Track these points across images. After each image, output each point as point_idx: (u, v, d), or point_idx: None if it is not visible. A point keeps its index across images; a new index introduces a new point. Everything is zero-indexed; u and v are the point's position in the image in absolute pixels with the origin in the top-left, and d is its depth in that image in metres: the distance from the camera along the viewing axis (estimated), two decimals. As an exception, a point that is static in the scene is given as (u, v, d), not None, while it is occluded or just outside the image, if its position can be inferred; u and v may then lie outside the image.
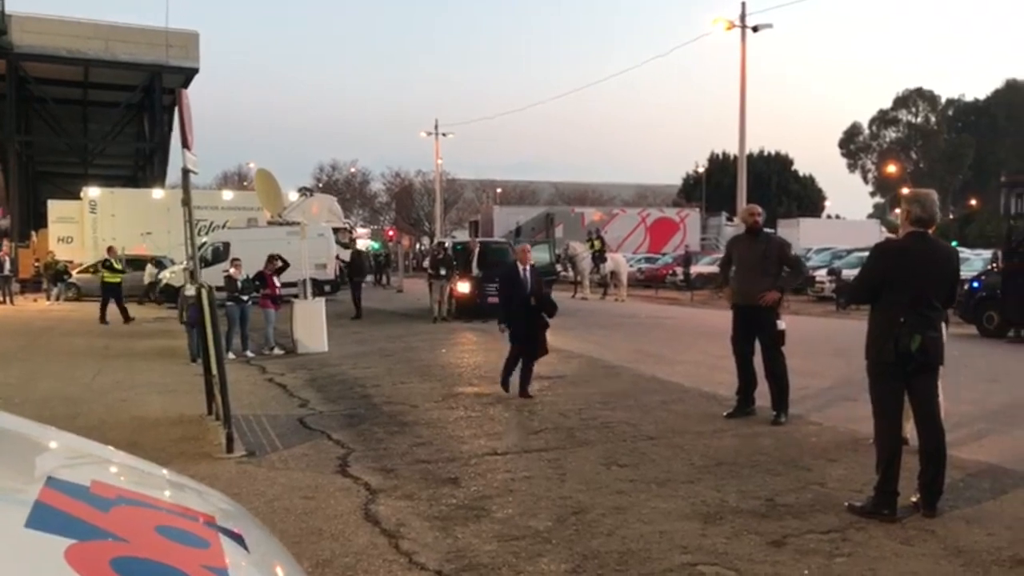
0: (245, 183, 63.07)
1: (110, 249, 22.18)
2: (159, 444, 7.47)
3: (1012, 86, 78.05)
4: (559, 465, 6.48)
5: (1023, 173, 75.86)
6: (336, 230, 31.68)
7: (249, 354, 13.72)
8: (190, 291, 10.88)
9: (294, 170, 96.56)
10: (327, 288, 25.51)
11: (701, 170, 72.14)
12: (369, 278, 41.36)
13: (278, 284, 14.85)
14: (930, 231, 5.30)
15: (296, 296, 15.76)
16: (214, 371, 7.71)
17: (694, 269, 33.74)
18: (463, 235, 56.33)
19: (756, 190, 46.44)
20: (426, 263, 27.59)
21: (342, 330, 16.86)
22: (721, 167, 66.17)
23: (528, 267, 9.54)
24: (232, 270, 14.30)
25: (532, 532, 4.97)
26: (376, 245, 57.18)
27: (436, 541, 4.85)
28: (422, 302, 24.18)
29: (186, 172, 8.13)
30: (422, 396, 9.60)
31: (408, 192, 78.23)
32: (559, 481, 6.05)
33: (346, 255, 33.58)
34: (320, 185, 71.51)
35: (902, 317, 5.06)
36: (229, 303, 13.92)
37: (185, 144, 7.99)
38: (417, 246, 71.65)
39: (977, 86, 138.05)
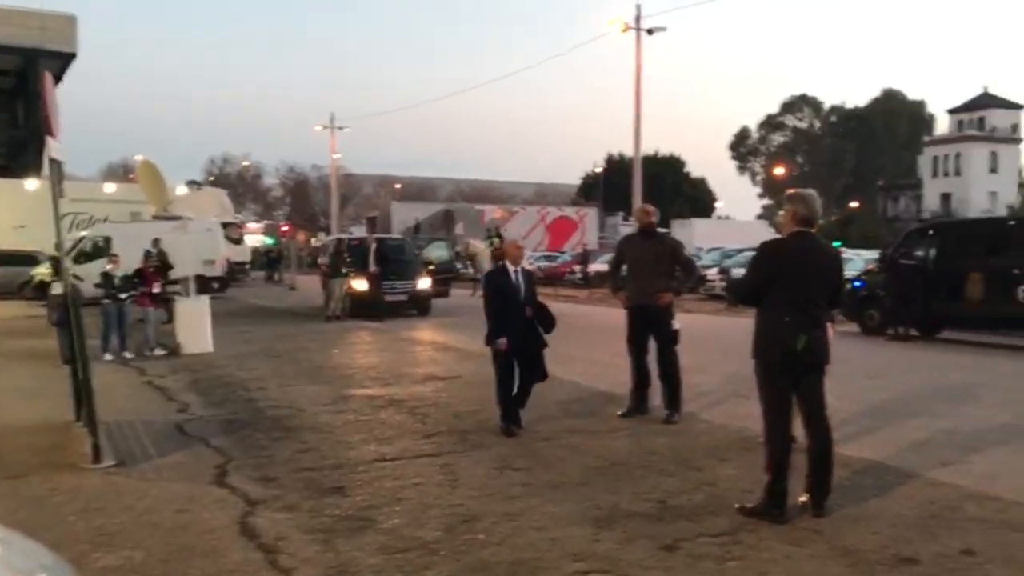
0: (130, 175, 60.38)
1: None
2: (21, 453, 6.93)
3: (889, 95, 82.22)
4: (451, 470, 6.28)
5: (899, 178, 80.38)
6: (226, 225, 30.59)
7: (128, 355, 12.99)
8: (57, 289, 10.18)
9: (183, 163, 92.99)
10: (215, 285, 24.55)
11: (599, 170, 73.20)
12: (261, 274, 40.30)
13: (162, 281, 14.13)
14: (813, 231, 5.33)
15: (180, 294, 15.04)
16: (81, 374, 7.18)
17: (592, 267, 34.09)
18: (360, 231, 55.46)
19: (651, 191, 47.29)
20: (321, 260, 26.91)
21: (229, 329, 16.19)
22: (618, 167, 67.25)
23: (520, 268, 7.75)
24: (109, 266, 13.51)
25: (420, 543, 4.75)
26: (270, 241, 55.64)
27: (317, 555, 4.57)
28: (315, 300, 23.56)
29: (53, 162, 7.54)
30: (310, 399, 9.24)
31: (303, 187, 76.62)
32: (450, 487, 5.85)
33: (238, 251, 32.56)
34: (210, 179, 69.18)
35: (787, 317, 5.07)
36: (106, 301, 13.15)
37: (49, 131, 7.40)
38: (312, 242, 70.21)
39: (858, 94, 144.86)
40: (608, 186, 66.89)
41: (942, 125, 77.83)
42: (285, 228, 59.81)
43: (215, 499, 5.63)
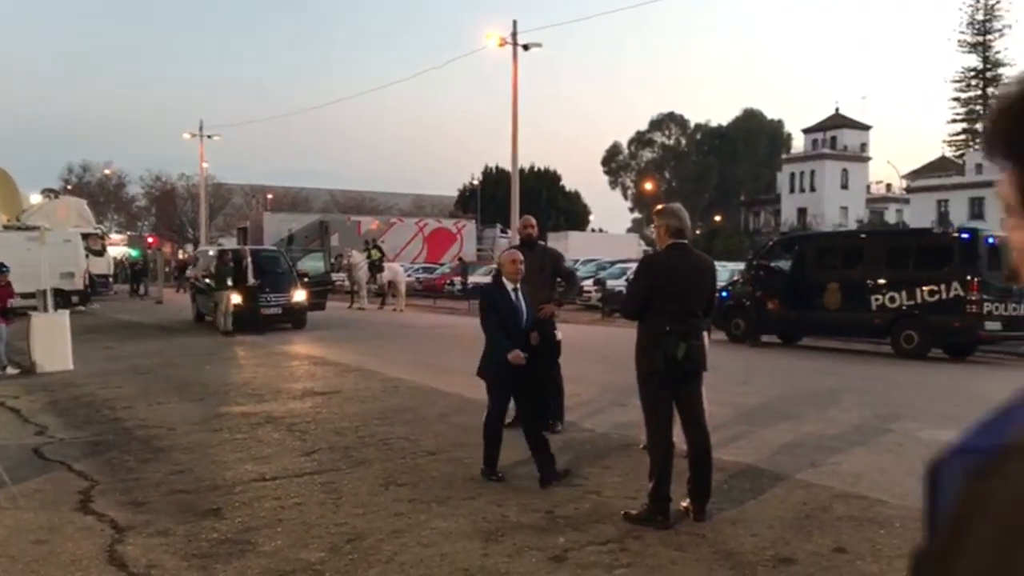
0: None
1: None
2: None
3: (750, 114, 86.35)
4: (334, 488, 6.11)
5: (759, 193, 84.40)
6: (86, 236, 28.97)
7: (-25, 375, 12.05)
8: None
9: (38, 171, 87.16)
10: (75, 299, 23.17)
11: (476, 182, 73.53)
12: (125, 288, 38.34)
13: (15, 296, 13.18)
14: (686, 242, 5.53)
15: (35, 308, 14.10)
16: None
17: (471, 279, 34.14)
18: (231, 242, 53.64)
19: (527, 204, 47.87)
20: (191, 271, 25.79)
21: (91, 346, 15.29)
22: (495, 180, 67.77)
23: (520, 286, 6.52)
24: (-46, 280, 12.51)
25: (303, 565, 4.59)
26: (135, 253, 53.03)
27: (194, 583, 4.34)
28: (184, 314, 22.63)
29: None
30: (181, 418, 8.81)
31: (170, 197, 73.45)
32: (334, 506, 5.69)
33: (99, 264, 30.85)
34: (68, 187, 65.39)
35: (668, 327, 5.21)
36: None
37: None
38: (180, 254, 67.41)
39: (721, 113, 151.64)
40: (485, 199, 67.29)
41: (798, 143, 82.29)
42: (151, 239, 57.17)
43: (80, 527, 5.28)
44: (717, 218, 79.66)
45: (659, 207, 5.72)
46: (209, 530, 5.20)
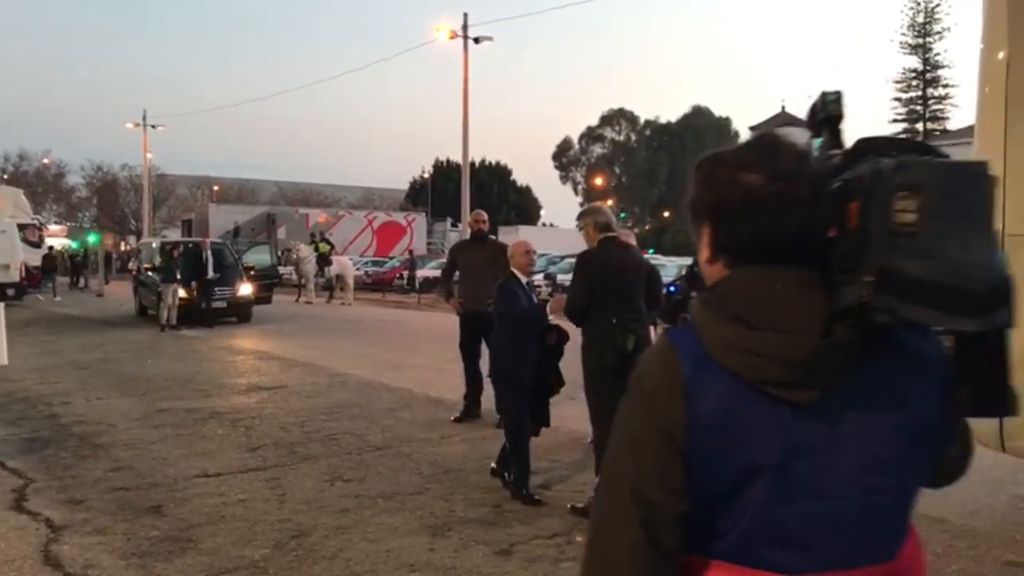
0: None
1: None
2: None
3: (698, 111, 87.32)
4: (278, 484, 6.03)
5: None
6: (23, 227, 28.15)
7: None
8: None
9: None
10: (10, 292, 22.49)
11: (427, 176, 73.22)
12: (64, 281, 37.34)
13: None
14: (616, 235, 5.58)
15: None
16: None
17: (420, 272, 33.98)
18: (175, 234, 52.61)
19: (478, 198, 47.82)
20: (133, 264, 25.18)
21: (28, 340, 14.86)
22: (446, 174, 67.60)
23: (530, 281, 6.12)
24: None
25: (247, 562, 4.52)
26: (75, 244, 51.70)
27: (132, 583, 4.25)
28: (126, 307, 22.12)
29: None
30: (121, 414, 8.60)
31: (112, 188, 71.71)
32: (278, 502, 5.61)
33: (37, 256, 29.97)
34: (4, 177, 63.47)
35: (614, 319, 5.23)
36: None
37: None
38: (123, 246, 65.88)
39: (670, 109, 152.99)
40: (436, 192, 67.07)
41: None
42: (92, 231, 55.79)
43: (13, 526, 5.12)
44: (666, 214, 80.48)
45: (583, 209, 5.82)
46: (149, 528, 5.09)
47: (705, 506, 1.21)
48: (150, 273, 19.52)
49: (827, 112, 1.34)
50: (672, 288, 17.31)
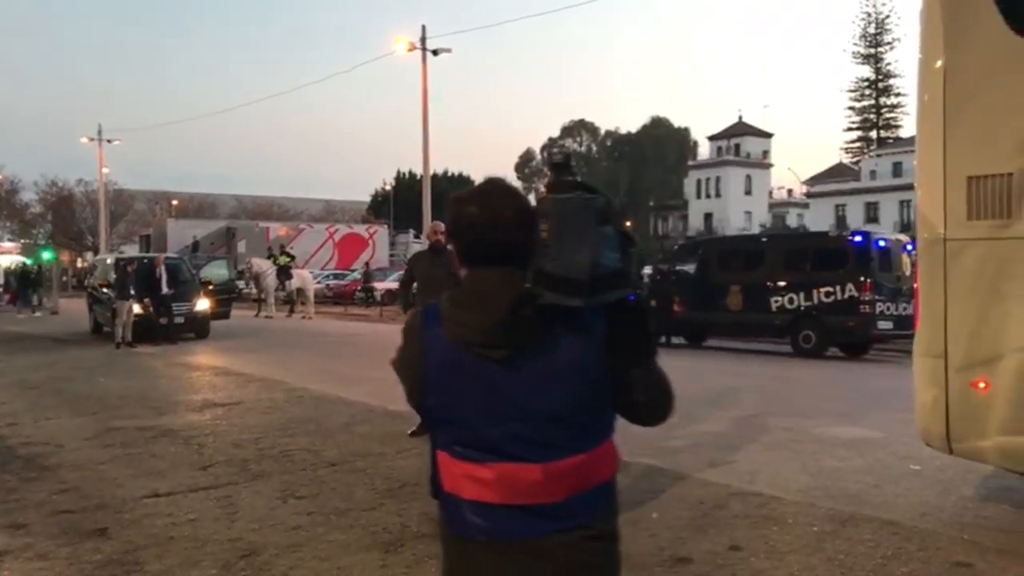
0: None
1: None
2: None
3: (657, 121, 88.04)
4: (230, 503, 5.92)
5: (668, 199, 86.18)
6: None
7: None
8: None
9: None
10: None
11: (389, 188, 73.00)
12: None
13: None
14: None
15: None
16: None
17: (382, 285, 33.81)
18: (133, 250, 51.79)
19: (441, 209, 47.63)
20: (90, 281, 24.70)
21: (-25, 360, 14.51)
22: (408, 185, 67.48)
23: None
24: None
25: (193, 584, 4.42)
26: (29, 261, 50.66)
27: (73, 609, 4.13)
28: (80, 325, 21.70)
29: None
30: (71, 434, 8.41)
31: (67, 203, 70.43)
32: (228, 521, 5.50)
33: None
34: (-47, 192, 62.01)
35: None
36: None
37: None
38: (79, 262, 64.71)
39: (630, 120, 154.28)
40: (399, 204, 66.85)
41: (704, 151, 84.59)
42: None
43: (-50, 554, 4.96)
44: (628, 223, 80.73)
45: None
46: (93, 552, 4.96)
47: (437, 420, 1.89)
48: (104, 290, 19.18)
49: (552, 160, 1.88)
50: (631, 296, 17.42)
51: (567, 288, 1.68)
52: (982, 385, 4.71)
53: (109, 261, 21.74)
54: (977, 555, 4.68)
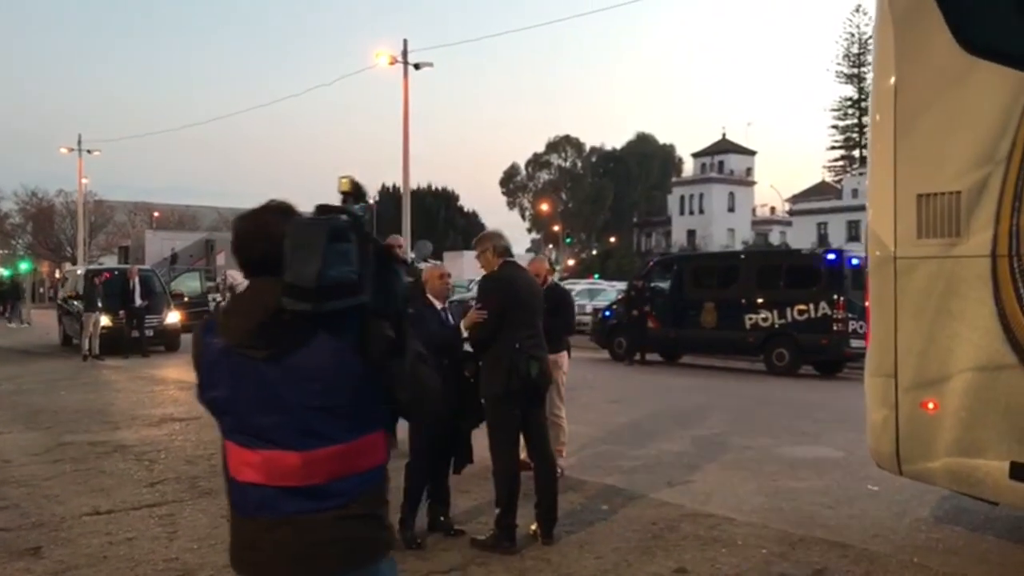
0: None
1: None
2: None
3: (642, 138, 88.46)
4: (171, 521, 5.77)
5: (652, 215, 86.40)
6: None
7: None
8: None
9: None
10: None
11: (373, 201, 72.81)
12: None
13: None
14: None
15: None
16: None
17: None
18: (112, 261, 51.39)
19: (424, 223, 47.77)
20: (63, 293, 24.44)
21: (-63, 372, 14.25)
22: (392, 198, 67.24)
23: (448, 306, 5.61)
24: None
25: (118, 607, 4.27)
26: (7, 272, 50.20)
27: (-11, 633, 3.98)
28: (50, 336, 21.45)
29: None
30: (20, 448, 8.23)
31: (47, 214, 69.86)
32: (167, 540, 5.35)
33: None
34: (-69, 202, 61.40)
35: (518, 344, 5.11)
36: None
37: None
38: (58, 274, 64.08)
39: (615, 136, 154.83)
40: (381, 217, 66.65)
41: (688, 167, 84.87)
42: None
43: None
44: (612, 239, 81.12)
45: (480, 235, 5.69)
46: (23, 572, 4.80)
47: (217, 411, 2.09)
48: (74, 302, 18.94)
49: (341, 190, 2.13)
50: (607, 312, 17.40)
51: (298, 295, 1.91)
52: (931, 405, 4.64)
53: (79, 272, 21.49)
54: (924, 579, 4.60)
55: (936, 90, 4.73)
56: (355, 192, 2.15)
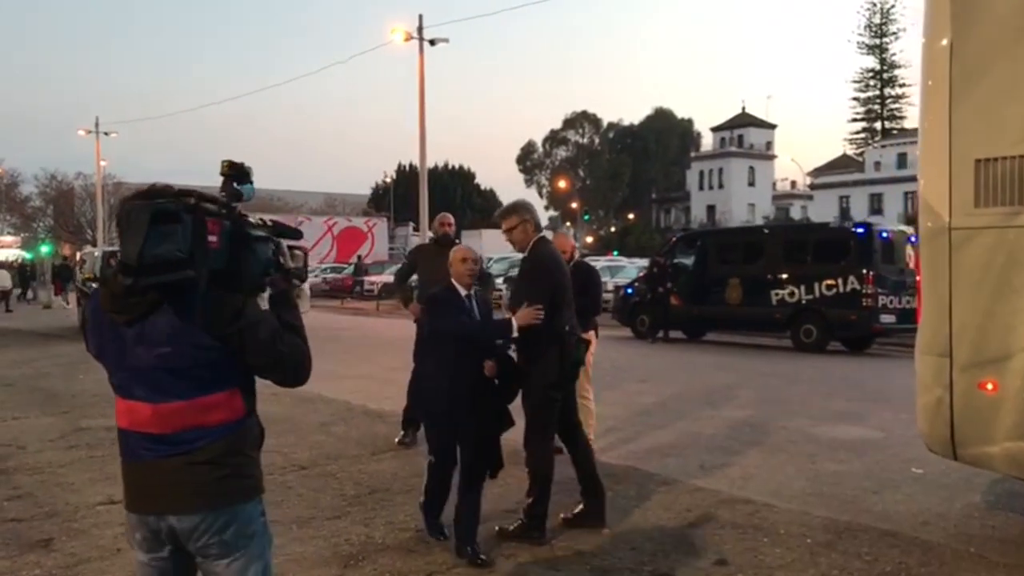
0: None
1: None
2: None
3: (660, 113, 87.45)
4: (187, 510, 5.56)
5: (670, 191, 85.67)
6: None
7: None
8: None
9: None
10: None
11: (389, 180, 72.59)
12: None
13: None
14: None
15: None
16: None
17: (379, 278, 33.46)
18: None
19: (441, 202, 47.38)
20: (81, 276, 24.39)
21: (-44, 356, 14.18)
22: (409, 178, 66.88)
23: (474, 293, 4.89)
24: None
25: (131, 604, 4.06)
26: (28, 255, 50.38)
27: (-3, 632, 3.79)
28: (71, 320, 21.39)
29: None
30: (36, 434, 8.07)
31: (68, 197, 70.13)
32: (183, 531, 5.14)
33: None
34: (-48, 186, 61.75)
35: (567, 326, 4.84)
36: None
37: None
38: (78, 256, 64.42)
39: (633, 112, 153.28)
40: (399, 196, 66.42)
41: (707, 142, 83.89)
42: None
43: None
44: (630, 216, 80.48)
45: (510, 204, 5.18)
46: (32, 566, 4.61)
47: (102, 364, 2.46)
48: (93, 284, 18.85)
49: (222, 172, 2.42)
50: (629, 290, 17.04)
51: (124, 270, 2.18)
52: (990, 386, 4.34)
53: (97, 254, 21.40)
54: (984, 571, 4.32)
55: (996, 49, 4.39)
56: (236, 173, 2.42)
